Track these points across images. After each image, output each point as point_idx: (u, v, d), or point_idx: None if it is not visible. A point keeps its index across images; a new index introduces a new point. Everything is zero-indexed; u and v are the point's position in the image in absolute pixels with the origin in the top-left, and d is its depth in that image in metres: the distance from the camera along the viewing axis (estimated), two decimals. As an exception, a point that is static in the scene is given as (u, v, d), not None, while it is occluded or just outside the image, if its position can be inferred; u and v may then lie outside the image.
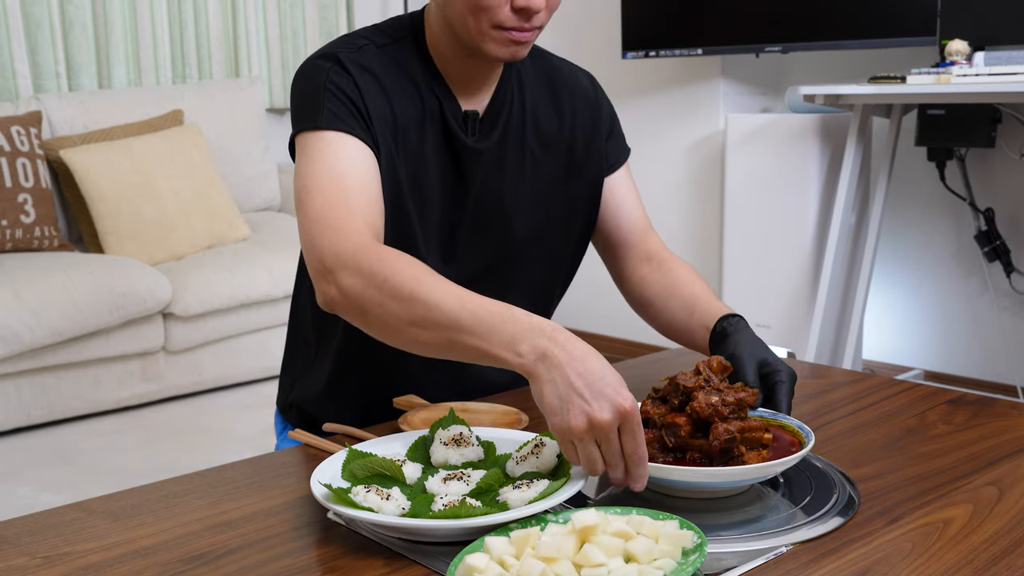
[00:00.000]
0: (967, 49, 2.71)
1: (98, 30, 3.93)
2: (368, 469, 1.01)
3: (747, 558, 0.89)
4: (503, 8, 1.18)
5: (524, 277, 1.41)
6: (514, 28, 1.20)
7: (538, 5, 1.18)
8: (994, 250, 3.02)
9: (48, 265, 3.15)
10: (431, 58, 1.30)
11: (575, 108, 1.41)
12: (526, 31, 1.21)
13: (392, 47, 1.30)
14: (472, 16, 1.20)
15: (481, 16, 1.19)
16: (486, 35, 1.21)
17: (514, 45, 1.22)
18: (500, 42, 1.22)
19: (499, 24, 1.20)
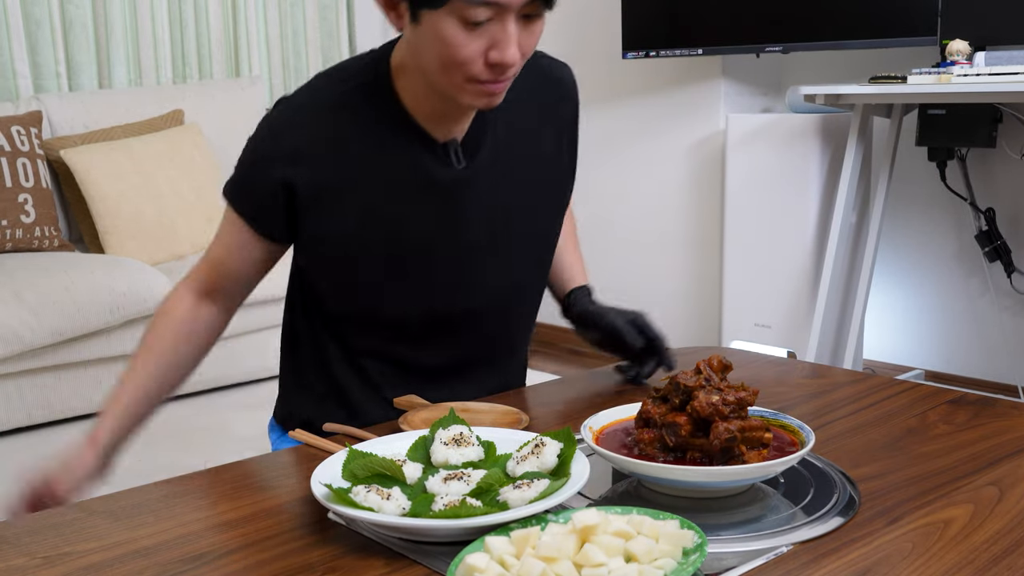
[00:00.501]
0: (968, 49, 2.71)
1: (98, 30, 3.93)
2: (368, 469, 1.01)
3: (747, 558, 0.89)
4: (476, 63, 1.15)
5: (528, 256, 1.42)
6: (488, 80, 1.18)
7: (513, 59, 1.15)
8: (995, 250, 3.02)
9: (48, 265, 3.15)
10: (398, 99, 1.27)
11: (560, 102, 1.41)
12: (500, 82, 1.19)
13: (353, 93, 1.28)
14: (445, 71, 1.17)
15: (455, 71, 1.16)
16: (460, 88, 1.19)
17: (489, 96, 1.20)
18: (475, 94, 1.19)
19: (473, 78, 1.17)
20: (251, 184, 1.30)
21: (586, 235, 4.38)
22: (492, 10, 1.11)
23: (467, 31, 1.12)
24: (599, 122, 3.94)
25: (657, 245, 3.82)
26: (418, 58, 1.20)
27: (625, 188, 3.90)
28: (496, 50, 1.14)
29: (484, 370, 1.42)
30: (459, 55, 1.14)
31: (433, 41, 1.15)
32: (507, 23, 1.13)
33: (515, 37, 1.14)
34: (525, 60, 1.19)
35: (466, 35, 1.13)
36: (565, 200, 1.46)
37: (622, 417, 1.13)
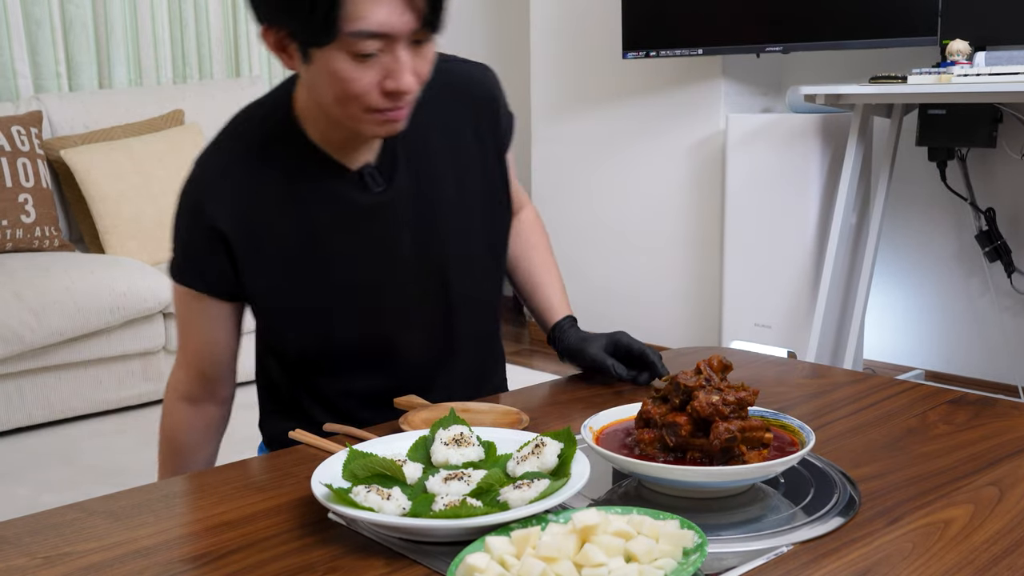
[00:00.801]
0: (968, 49, 2.71)
1: (99, 30, 3.93)
2: (369, 469, 1.01)
3: (747, 558, 0.89)
4: (372, 94, 1.15)
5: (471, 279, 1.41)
6: (387, 109, 1.17)
7: (409, 86, 1.15)
8: (995, 250, 3.02)
9: (49, 265, 3.15)
10: (306, 136, 1.27)
11: (475, 103, 1.39)
12: (399, 109, 1.18)
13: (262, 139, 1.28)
14: (342, 105, 1.17)
15: (352, 104, 1.16)
16: (360, 120, 1.18)
17: (390, 124, 1.20)
18: (375, 123, 1.19)
19: (371, 108, 1.16)
20: (191, 251, 1.30)
21: (586, 235, 4.40)
22: (381, 41, 1.11)
23: (358, 64, 1.12)
24: (599, 122, 3.94)
25: (657, 245, 3.82)
26: (316, 95, 1.21)
27: (625, 188, 3.90)
28: (391, 79, 1.14)
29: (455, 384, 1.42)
30: (353, 89, 1.14)
31: (327, 77, 1.15)
32: (397, 52, 1.13)
33: (408, 64, 1.14)
34: (423, 83, 1.19)
35: (358, 68, 1.13)
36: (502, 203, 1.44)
37: (622, 417, 1.13)
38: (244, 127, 1.32)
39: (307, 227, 1.28)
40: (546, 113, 4.15)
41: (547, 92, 4.13)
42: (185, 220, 1.29)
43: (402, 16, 1.11)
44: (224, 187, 1.27)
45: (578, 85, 4.01)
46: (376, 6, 1.09)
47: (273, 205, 1.27)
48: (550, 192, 4.17)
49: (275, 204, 1.27)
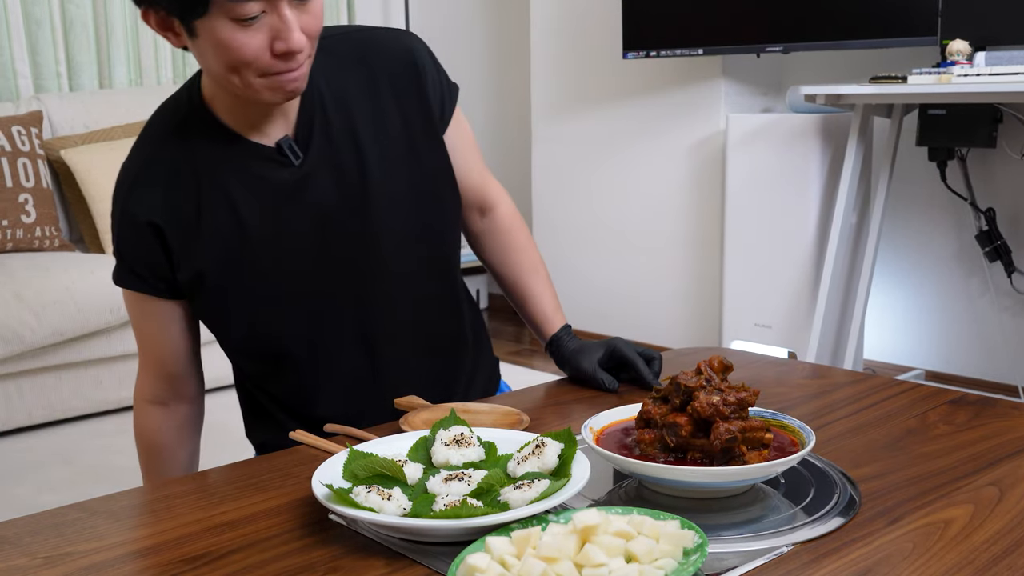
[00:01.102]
0: (968, 49, 2.71)
1: (99, 30, 3.93)
2: (369, 469, 1.01)
3: (748, 558, 0.89)
4: (263, 57, 1.12)
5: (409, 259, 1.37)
6: (282, 71, 1.15)
7: (299, 45, 1.12)
8: (995, 250, 3.02)
9: (49, 265, 3.15)
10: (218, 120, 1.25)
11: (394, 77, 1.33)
12: (294, 69, 1.15)
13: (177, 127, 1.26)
14: (234, 74, 1.14)
15: (245, 71, 1.14)
16: (255, 87, 1.16)
17: (287, 86, 1.17)
18: (272, 89, 1.16)
19: (265, 72, 1.14)
20: (128, 255, 1.29)
21: (587, 235, 4.40)
22: (260, 2, 1.09)
23: (243, 29, 1.10)
24: (600, 122, 3.95)
25: (657, 245, 3.82)
26: (209, 70, 1.19)
27: (626, 188, 3.90)
28: (279, 40, 1.11)
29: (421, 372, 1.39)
30: (243, 55, 1.11)
31: (215, 48, 1.12)
32: (281, 10, 1.10)
33: (293, 22, 1.11)
34: (315, 41, 1.17)
35: (244, 33, 1.10)
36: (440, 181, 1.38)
37: (623, 417, 1.13)
38: (158, 123, 1.30)
39: (232, 211, 1.26)
40: (546, 113, 4.15)
41: (547, 92, 4.13)
42: (118, 224, 1.28)
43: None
44: (148, 183, 1.26)
45: (578, 85, 4.01)
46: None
47: (196, 192, 1.25)
48: (550, 192, 4.17)
49: (198, 191, 1.25)
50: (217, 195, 1.26)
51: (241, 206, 1.26)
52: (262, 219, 1.27)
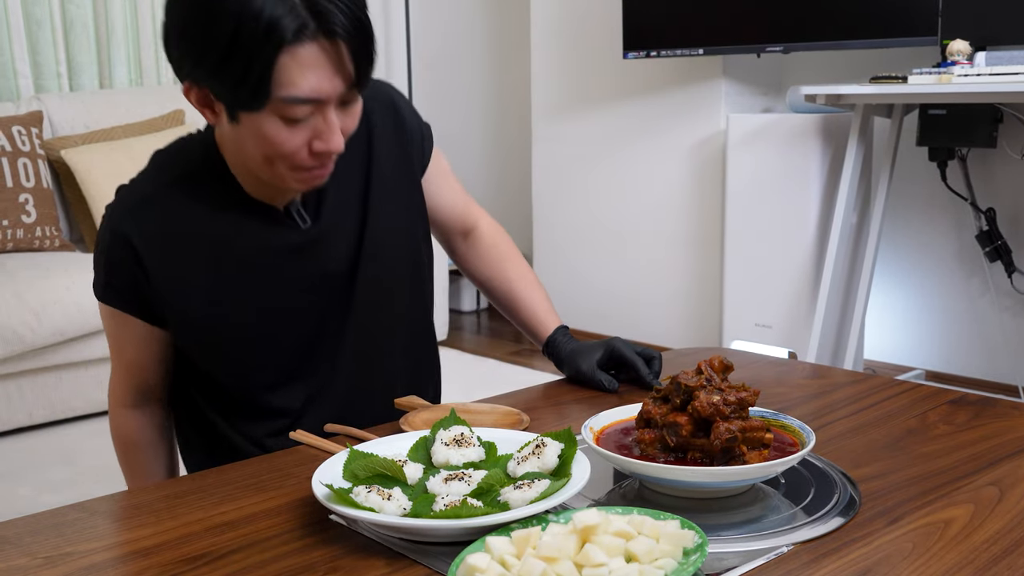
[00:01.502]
0: (968, 49, 2.71)
1: (99, 30, 3.93)
2: (369, 469, 1.01)
3: (748, 558, 0.89)
4: (300, 153, 1.16)
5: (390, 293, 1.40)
6: (314, 167, 1.19)
7: (338, 147, 1.16)
8: (995, 250, 3.02)
9: (49, 265, 3.15)
10: (232, 177, 1.27)
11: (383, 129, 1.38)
12: (326, 165, 1.20)
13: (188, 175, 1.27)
14: (269, 164, 1.18)
15: (278, 162, 1.17)
16: (284, 177, 1.19)
17: (315, 180, 1.21)
18: (301, 181, 1.21)
19: (298, 167, 1.18)
20: (112, 272, 1.28)
21: (587, 235, 4.40)
22: (311, 106, 1.13)
23: (288, 127, 1.14)
24: (600, 122, 3.95)
25: (658, 245, 3.82)
26: (240, 153, 1.22)
27: (626, 188, 3.90)
28: (320, 140, 1.15)
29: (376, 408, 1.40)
30: (282, 149, 1.15)
31: (255, 138, 1.16)
32: (327, 115, 1.15)
33: (336, 126, 1.16)
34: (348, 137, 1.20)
35: (288, 131, 1.14)
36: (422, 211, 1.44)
37: (623, 417, 1.13)
38: (168, 160, 1.31)
39: (232, 262, 1.28)
40: (547, 113, 4.15)
41: (548, 92, 4.13)
42: (107, 241, 1.28)
43: (332, 81, 1.12)
44: (146, 211, 1.26)
45: (579, 85, 4.01)
46: (308, 72, 1.10)
47: (195, 235, 1.26)
48: (551, 192, 4.17)
49: (197, 235, 1.26)
50: (218, 245, 1.27)
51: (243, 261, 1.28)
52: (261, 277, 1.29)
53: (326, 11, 1.10)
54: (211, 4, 1.09)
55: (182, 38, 1.15)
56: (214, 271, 1.27)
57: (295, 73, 1.10)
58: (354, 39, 1.12)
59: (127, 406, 1.40)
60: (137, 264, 1.26)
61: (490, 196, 4.82)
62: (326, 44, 1.11)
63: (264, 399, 1.34)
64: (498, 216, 5.14)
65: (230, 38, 1.08)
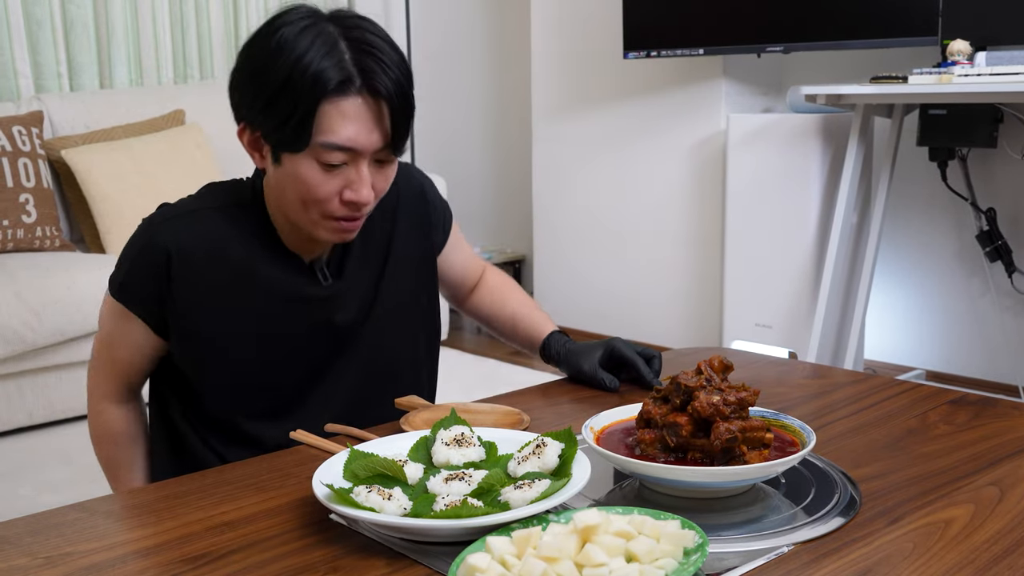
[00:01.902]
0: (969, 49, 2.71)
1: (100, 30, 3.93)
2: (370, 469, 1.01)
3: (748, 558, 0.89)
4: (332, 201, 1.24)
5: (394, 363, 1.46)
6: (343, 218, 1.26)
7: (367, 199, 1.24)
8: (996, 250, 3.02)
9: (50, 265, 3.15)
10: (270, 221, 1.34)
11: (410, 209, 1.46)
12: (355, 219, 1.27)
13: (233, 206, 1.34)
14: (304, 208, 1.25)
15: (312, 208, 1.25)
16: (317, 224, 1.26)
17: (343, 232, 1.28)
18: (331, 230, 1.27)
19: (329, 215, 1.25)
20: (136, 273, 1.31)
21: (587, 235, 4.39)
22: (347, 155, 1.21)
23: (324, 172, 1.22)
24: (600, 122, 3.95)
25: (658, 245, 3.82)
26: (279, 196, 1.28)
27: (626, 188, 3.90)
28: (351, 190, 1.23)
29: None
30: (316, 194, 1.23)
31: (293, 181, 1.24)
32: (361, 167, 1.23)
33: (368, 179, 1.23)
34: (379, 199, 1.28)
35: (323, 176, 1.22)
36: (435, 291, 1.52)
37: (623, 417, 1.14)
38: (219, 188, 1.38)
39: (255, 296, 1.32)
40: (547, 113, 4.15)
41: (548, 92, 4.13)
42: (141, 245, 1.31)
43: (370, 135, 1.21)
44: (188, 225, 1.31)
45: (579, 85, 4.01)
46: (348, 123, 1.20)
47: (224, 260, 1.31)
48: (551, 192, 4.17)
49: (226, 260, 1.31)
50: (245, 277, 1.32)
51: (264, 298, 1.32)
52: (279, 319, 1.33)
53: (372, 71, 1.20)
54: (271, 54, 1.20)
55: (242, 81, 1.26)
56: (232, 299, 1.31)
57: (335, 121, 1.19)
58: (395, 101, 1.22)
59: (113, 402, 1.42)
60: (166, 274, 1.29)
61: (490, 196, 4.82)
62: (369, 100, 1.20)
63: (245, 427, 1.35)
64: (498, 216, 5.13)
65: (281, 84, 1.19)
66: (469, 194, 4.84)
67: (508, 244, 4.74)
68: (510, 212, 4.72)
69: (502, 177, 4.77)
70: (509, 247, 4.72)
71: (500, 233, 4.79)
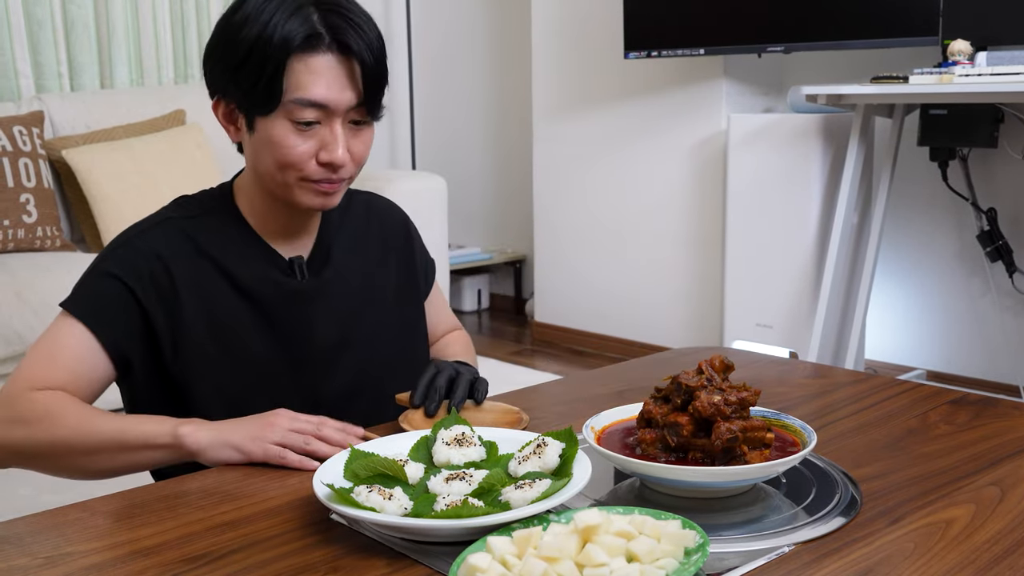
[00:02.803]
0: (969, 49, 2.71)
1: (100, 30, 3.93)
2: (370, 469, 1.01)
3: (749, 558, 0.89)
4: (309, 163, 1.23)
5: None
6: (322, 180, 1.25)
7: (342, 160, 1.23)
8: (996, 250, 3.02)
9: (50, 265, 3.15)
10: (244, 219, 1.34)
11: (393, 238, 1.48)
12: (333, 183, 1.26)
13: (200, 218, 1.32)
14: (280, 171, 1.25)
15: (288, 172, 1.24)
16: (293, 187, 1.26)
17: (323, 196, 1.27)
18: (309, 192, 1.27)
19: (306, 177, 1.25)
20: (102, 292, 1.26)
21: (587, 235, 4.39)
22: (319, 112, 1.22)
23: (298, 133, 1.22)
24: (601, 122, 3.95)
25: (659, 245, 3.82)
26: (257, 166, 1.28)
27: (627, 188, 3.90)
28: (325, 151, 1.23)
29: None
30: (291, 156, 1.22)
31: (267, 145, 1.23)
32: (334, 126, 1.23)
33: (342, 139, 1.23)
34: (358, 167, 1.28)
35: (297, 137, 1.22)
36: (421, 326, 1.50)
37: (624, 417, 1.14)
38: (188, 200, 1.37)
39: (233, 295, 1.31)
40: (547, 113, 4.15)
41: (548, 92, 4.13)
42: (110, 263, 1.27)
43: (341, 92, 1.22)
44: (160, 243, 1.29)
45: (580, 85, 4.01)
46: (318, 78, 1.20)
47: (207, 268, 1.30)
48: (551, 192, 4.17)
49: (208, 267, 1.30)
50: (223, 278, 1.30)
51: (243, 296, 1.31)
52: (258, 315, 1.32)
53: (341, 28, 1.21)
54: (240, 22, 1.21)
55: (212, 54, 1.26)
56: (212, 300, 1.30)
57: (304, 77, 1.20)
58: (367, 60, 1.22)
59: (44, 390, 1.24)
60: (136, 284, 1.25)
61: (491, 196, 4.82)
62: (340, 58, 1.21)
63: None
64: (499, 216, 5.14)
65: (250, 46, 1.20)
66: (469, 194, 4.84)
67: (508, 244, 4.74)
68: (510, 212, 4.72)
69: (502, 177, 4.77)
70: (509, 247, 4.72)
71: (500, 233, 4.80)
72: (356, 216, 1.45)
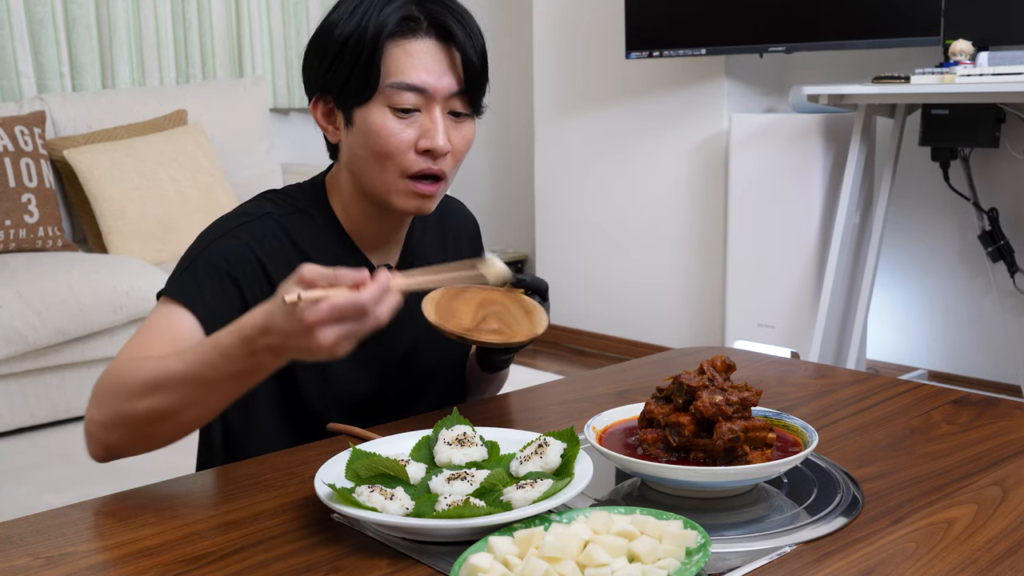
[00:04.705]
0: (971, 49, 2.71)
1: (102, 30, 3.94)
2: (372, 469, 1.01)
3: (751, 558, 0.89)
4: (408, 153, 1.21)
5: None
6: (420, 174, 1.21)
7: (442, 147, 1.20)
8: (998, 250, 3.02)
9: (52, 265, 3.15)
10: (338, 222, 1.31)
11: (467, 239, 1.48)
12: (431, 183, 1.23)
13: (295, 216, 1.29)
14: (379, 165, 1.22)
15: (387, 164, 1.21)
16: (392, 187, 1.23)
17: (420, 198, 1.24)
18: (407, 195, 1.23)
19: (406, 170, 1.21)
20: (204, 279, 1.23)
21: (589, 235, 4.39)
22: (418, 97, 1.20)
23: (397, 119, 1.20)
24: (602, 122, 3.94)
25: (660, 245, 3.82)
26: (355, 162, 1.25)
27: (628, 188, 3.90)
28: (425, 138, 1.20)
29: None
30: (390, 144, 1.20)
31: (366, 135, 1.21)
32: (434, 112, 1.21)
33: (442, 126, 1.20)
34: (457, 161, 1.25)
35: (396, 122, 1.20)
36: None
37: (625, 417, 1.13)
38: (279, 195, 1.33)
39: None
40: (548, 113, 4.15)
41: (550, 92, 4.13)
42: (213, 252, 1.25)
43: (441, 78, 1.20)
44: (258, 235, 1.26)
45: (581, 85, 4.01)
46: (416, 62, 1.19)
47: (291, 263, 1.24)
48: (553, 192, 4.17)
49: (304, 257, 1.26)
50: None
51: None
52: None
53: (439, 15, 1.20)
54: (334, 19, 1.22)
55: (310, 52, 1.25)
56: None
57: (403, 61, 1.19)
58: (467, 46, 1.20)
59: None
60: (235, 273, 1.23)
61: (492, 197, 4.82)
62: (439, 44, 1.20)
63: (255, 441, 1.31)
64: (501, 216, 5.15)
65: (346, 37, 1.19)
66: (472, 194, 4.84)
67: (510, 244, 4.74)
68: (512, 212, 4.72)
69: (504, 177, 4.77)
70: (511, 247, 4.72)
71: (502, 233, 4.80)
72: (433, 224, 1.42)
